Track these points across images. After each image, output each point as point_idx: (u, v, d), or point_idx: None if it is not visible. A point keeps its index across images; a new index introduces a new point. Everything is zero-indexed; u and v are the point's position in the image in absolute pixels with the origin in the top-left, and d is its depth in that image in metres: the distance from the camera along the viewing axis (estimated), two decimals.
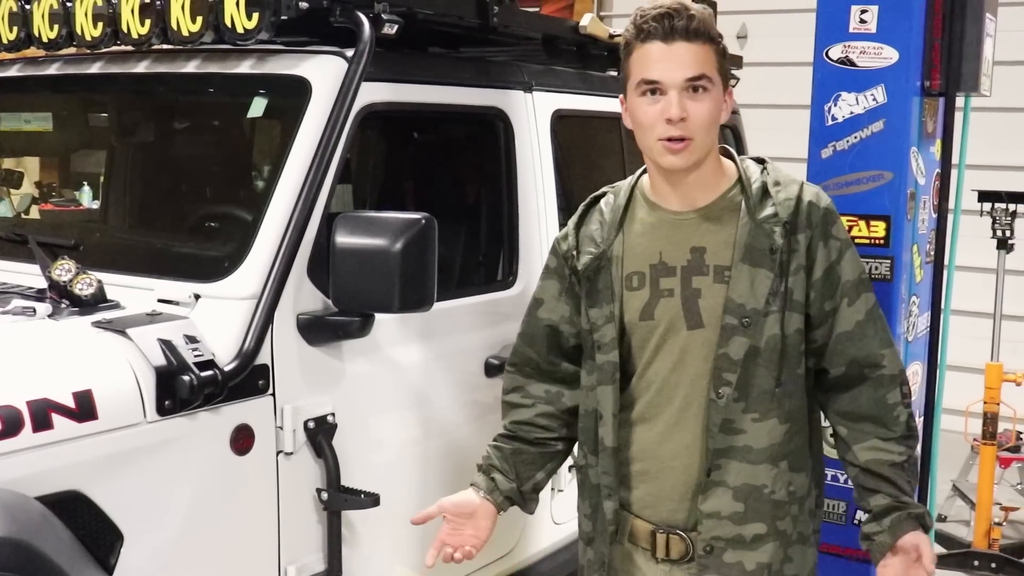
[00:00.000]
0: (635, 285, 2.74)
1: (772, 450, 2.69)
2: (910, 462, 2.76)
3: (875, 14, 3.36)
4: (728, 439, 2.68)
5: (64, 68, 3.84)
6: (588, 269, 2.79)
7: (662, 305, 2.71)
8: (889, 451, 2.73)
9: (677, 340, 2.70)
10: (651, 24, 2.59)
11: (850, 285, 2.70)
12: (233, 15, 3.17)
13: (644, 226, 2.77)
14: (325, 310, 3.12)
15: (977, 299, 6.85)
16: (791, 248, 2.65)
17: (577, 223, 2.89)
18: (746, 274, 2.64)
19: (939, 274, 3.67)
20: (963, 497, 6.34)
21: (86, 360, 2.70)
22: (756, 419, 2.67)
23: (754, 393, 2.66)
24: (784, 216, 2.64)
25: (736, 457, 2.68)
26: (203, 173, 3.89)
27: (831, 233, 2.68)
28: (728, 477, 2.69)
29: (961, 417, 6.23)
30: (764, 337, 2.64)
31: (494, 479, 2.94)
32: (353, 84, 3.09)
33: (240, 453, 2.92)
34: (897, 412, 2.74)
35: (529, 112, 3.97)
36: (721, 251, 2.67)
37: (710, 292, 2.67)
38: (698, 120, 2.59)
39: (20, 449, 2.47)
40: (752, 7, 8.66)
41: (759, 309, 2.63)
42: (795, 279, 2.66)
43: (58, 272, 2.99)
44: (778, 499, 2.71)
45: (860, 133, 3.39)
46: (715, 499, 2.70)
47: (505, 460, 2.96)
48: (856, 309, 2.71)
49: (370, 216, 3.01)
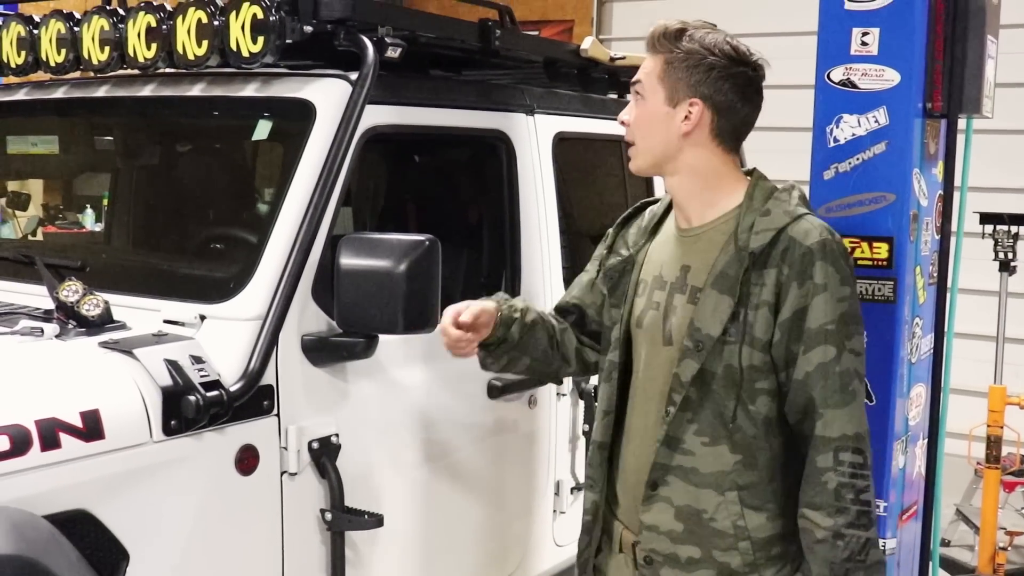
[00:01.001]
0: (639, 292, 2.83)
1: (719, 477, 2.67)
2: (845, 540, 2.57)
3: (876, 36, 3.37)
4: (673, 456, 2.69)
5: (71, 92, 3.87)
6: (612, 269, 2.91)
7: (649, 317, 2.78)
8: (814, 523, 2.59)
9: (655, 353, 2.76)
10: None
11: (811, 332, 2.59)
12: (238, 39, 3.19)
13: (664, 237, 2.85)
14: (329, 331, 3.13)
15: (980, 322, 6.86)
16: (754, 281, 2.61)
17: (622, 223, 3.01)
18: (712, 299, 2.65)
19: (942, 296, 3.67)
20: (967, 522, 6.33)
21: (93, 380, 2.72)
22: (706, 443, 2.67)
23: (707, 417, 2.67)
24: (754, 247, 2.62)
25: (681, 476, 2.69)
26: (209, 195, 3.91)
27: (809, 274, 2.58)
28: (673, 495, 2.71)
29: (965, 441, 6.24)
30: (721, 364, 2.63)
31: (511, 315, 2.95)
32: (357, 107, 3.11)
33: (245, 473, 2.93)
34: (825, 479, 2.58)
35: (531, 135, 3.99)
36: (700, 272, 2.70)
37: (681, 312, 2.71)
38: (633, 124, 2.75)
39: (28, 468, 2.48)
40: (753, 30, 8.68)
41: (713, 336, 2.63)
42: (757, 314, 2.61)
43: (65, 293, 3.00)
44: (719, 528, 2.68)
45: (862, 155, 3.40)
46: (655, 513, 2.73)
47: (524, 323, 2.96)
48: (808, 359, 2.59)
49: (374, 238, 3.03)
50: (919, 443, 3.69)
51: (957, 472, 6.26)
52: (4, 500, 2.42)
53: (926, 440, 3.74)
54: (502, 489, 3.81)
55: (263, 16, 3.15)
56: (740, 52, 2.72)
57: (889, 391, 3.41)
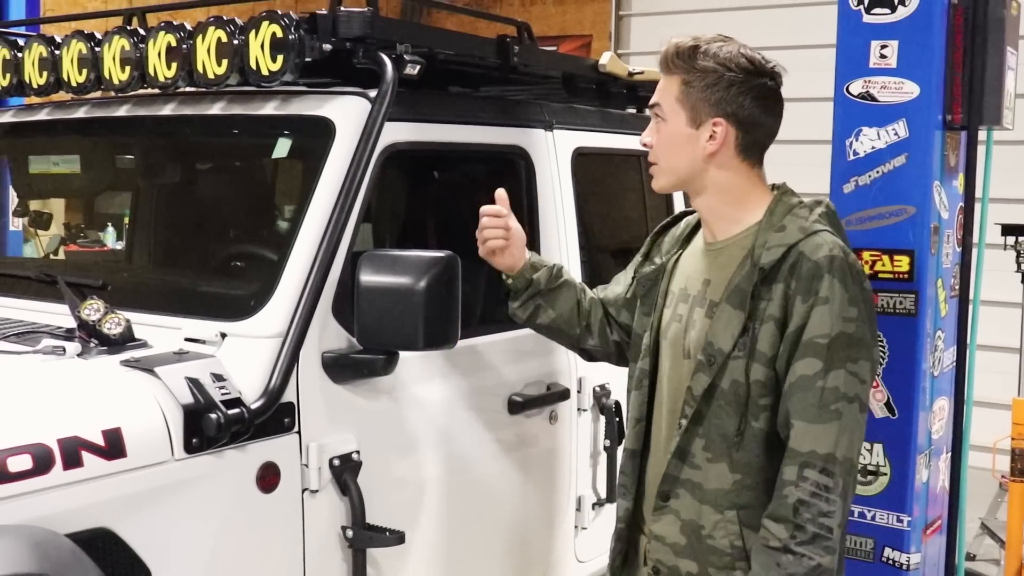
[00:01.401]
0: (667, 303, 2.86)
1: (718, 495, 2.68)
2: (796, 557, 2.51)
3: (895, 49, 3.37)
4: (682, 468, 2.72)
5: (92, 111, 3.89)
6: (645, 278, 2.96)
7: (673, 329, 2.81)
8: (767, 530, 2.56)
9: (676, 365, 2.79)
10: None
11: (802, 343, 2.56)
12: (258, 58, 3.21)
13: (693, 250, 2.88)
14: (350, 348, 3.14)
15: (1003, 333, 6.82)
16: (762, 296, 2.61)
17: (658, 232, 3.06)
18: (726, 314, 2.66)
19: (964, 308, 3.66)
20: (992, 535, 6.29)
21: (115, 398, 2.72)
22: (710, 459, 2.69)
23: (712, 432, 2.68)
24: (764, 262, 2.62)
25: (688, 489, 2.72)
26: (229, 213, 3.92)
27: (814, 289, 2.56)
28: (681, 508, 2.73)
29: (989, 454, 6.20)
30: (728, 380, 2.64)
31: (543, 267, 3.17)
32: (376, 124, 3.11)
33: (266, 491, 2.93)
34: (786, 492, 2.54)
35: (550, 150, 3.99)
36: (719, 287, 2.72)
37: (700, 325, 2.73)
38: (656, 147, 2.77)
39: (51, 487, 2.49)
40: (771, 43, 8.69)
41: (724, 351, 2.64)
42: (763, 329, 2.60)
43: (87, 312, 3.01)
44: (717, 546, 2.68)
45: (882, 168, 3.40)
46: (663, 524, 2.76)
47: (557, 277, 3.18)
48: (794, 370, 2.56)
49: (394, 254, 3.03)
50: (942, 457, 3.67)
51: (982, 485, 6.23)
52: (26, 519, 2.43)
53: (949, 453, 3.72)
54: (523, 505, 3.81)
55: (282, 35, 3.16)
56: (757, 63, 2.70)
57: (912, 405, 3.41)
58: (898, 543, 3.44)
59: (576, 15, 11.36)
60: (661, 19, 10.48)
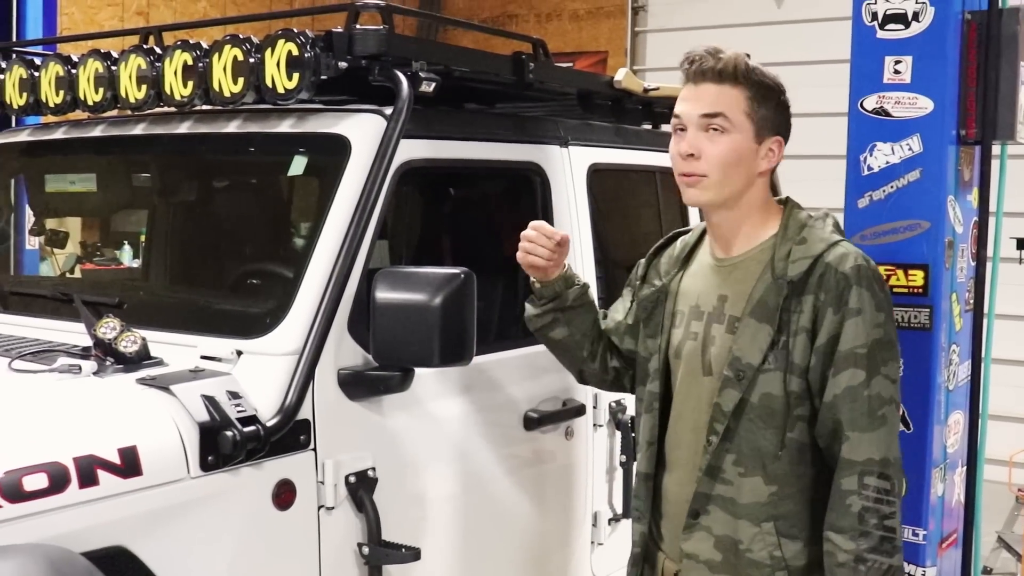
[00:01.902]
0: (676, 323, 2.84)
1: (755, 508, 2.68)
2: (868, 564, 2.56)
3: (909, 64, 3.37)
4: (713, 485, 2.70)
5: (108, 130, 3.90)
6: (646, 300, 2.93)
7: (688, 347, 2.79)
8: (837, 547, 2.58)
9: (695, 383, 2.77)
10: (684, 66, 2.71)
11: (841, 355, 2.59)
12: (274, 76, 3.22)
13: (699, 267, 2.86)
14: (365, 365, 3.14)
15: (1018, 347, 6.81)
16: (792, 308, 2.63)
17: (652, 254, 3.03)
18: (751, 328, 2.66)
19: (979, 322, 3.65)
20: (1009, 549, 6.27)
21: (131, 417, 2.73)
22: (742, 473, 2.68)
23: (745, 448, 2.68)
24: (792, 275, 2.63)
25: (720, 505, 2.70)
26: (245, 231, 3.94)
27: (844, 299, 2.59)
28: (713, 524, 2.71)
29: (1005, 467, 6.18)
30: (758, 393, 2.64)
31: (574, 286, 3.09)
32: (392, 141, 3.12)
33: (282, 508, 2.93)
34: (849, 502, 2.57)
35: (565, 166, 4.00)
36: (739, 302, 2.71)
37: (721, 341, 2.72)
38: (711, 159, 2.66)
39: (67, 505, 2.49)
40: (785, 58, 8.71)
41: (754, 365, 2.64)
42: (796, 341, 2.62)
43: (103, 330, 3.02)
44: (756, 559, 2.68)
45: (896, 183, 3.40)
46: (696, 542, 2.74)
47: (583, 301, 3.11)
48: (837, 382, 2.60)
49: (410, 271, 3.04)
50: (958, 470, 3.66)
51: (998, 499, 6.20)
52: (42, 537, 2.44)
53: (965, 467, 3.71)
54: (539, 521, 3.81)
55: (298, 53, 3.18)
56: (780, 82, 2.76)
57: (927, 418, 3.40)
58: (914, 557, 3.42)
59: (592, 32, 11.38)
60: (677, 35, 10.50)
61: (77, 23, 8.86)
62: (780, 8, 9.91)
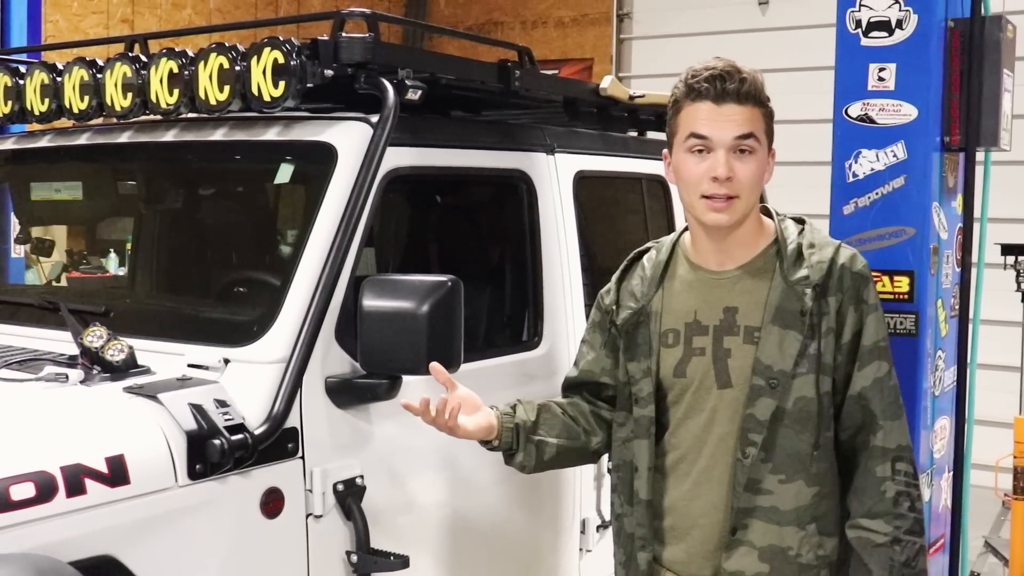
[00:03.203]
0: (670, 342, 2.78)
1: (799, 512, 2.69)
2: (902, 545, 2.65)
3: (893, 72, 3.39)
4: (753, 498, 2.68)
5: (94, 138, 3.90)
6: (627, 324, 2.85)
7: (694, 363, 2.75)
8: (872, 530, 2.67)
9: (708, 399, 2.73)
10: (703, 85, 2.65)
11: (865, 350, 2.69)
12: (260, 84, 3.22)
13: (682, 284, 2.81)
14: (353, 373, 3.14)
15: (1003, 352, 6.82)
16: (821, 311, 2.66)
17: (619, 278, 2.96)
18: (776, 336, 2.66)
19: (964, 328, 3.67)
20: (996, 553, 6.28)
21: (118, 425, 2.73)
22: (783, 480, 2.68)
23: (781, 454, 2.67)
24: (815, 279, 2.66)
25: (761, 517, 2.69)
26: (231, 239, 3.93)
27: (862, 297, 2.69)
28: (754, 537, 2.69)
29: (991, 472, 6.19)
30: (792, 399, 2.65)
31: (514, 408, 2.94)
32: (378, 149, 3.12)
33: (270, 516, 2.93)
34: (884, 488, 2.66)
35: (551, 174, 4.00)
36: (752, 312, 2.70)
37: (740, 352, 2.70)
38: (744, 180, 2.65)
39: (54, 514, 2.49)
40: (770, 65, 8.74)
41: (787, 371, 2.65)
42: (825, 342, 2.66)
43: (90, 339, 3.02)
44: (805, 563, 2.70)
45: (881, 189, 3.41)
46: (739, 558, 2.71)
47: (531, 407, 2.95)
48: (864, 375, 2.68)
49: (397, 279, 3.04)
50: (944, 476, 3.68)
51: (984, 504, 6.22)
52: (30, 547, 2.43)
53: (951, 473, 3.72)
54: (527, 528, 3.80)
55: (284, 60, 3.18)
56: None
57: (913, 424, 3.41)
58: None
59: (577, 39, 11.39)
60: (662, 43, 10.52)
61: (62, 31, 8.84)
62: (765, 16, 9.94)
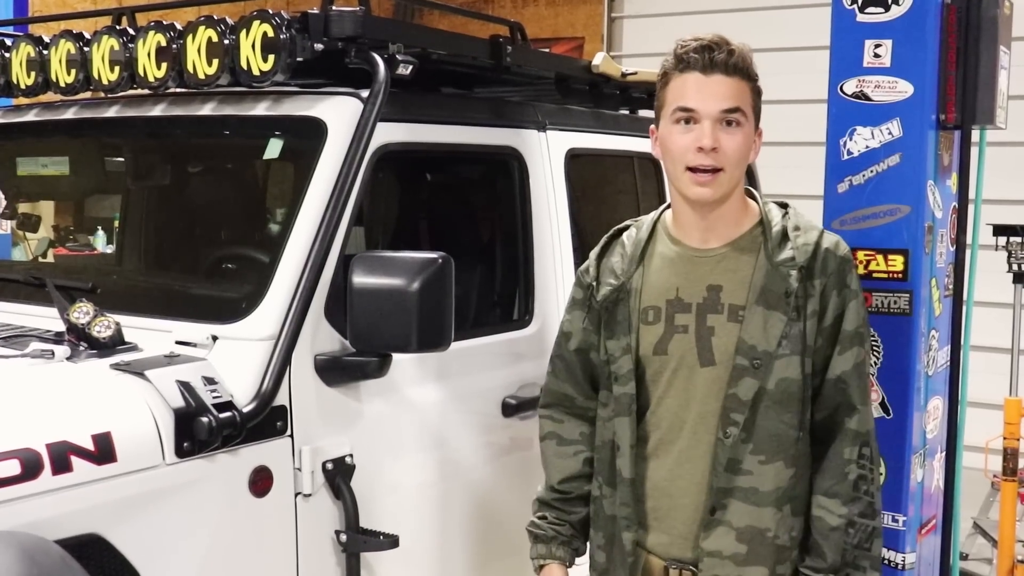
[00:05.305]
0: (651, 319, 2.76)
1: (778, 494, 2.68)
2: (856, 529, 2.67)
3: (889, 48, 3.36)
4: (733, 479, 2.68)
5: (81, 112, 3.86)
6: (607, 300, 2.82)
7: (676, 341, 2.73)
8: (829, 511, 2.68)
9: (689, 376, 2.72)
10: (691, 55, 2.64)
11: (847, 335, 2.70)
12: (249, 58, 3.19)
13: (663, 261, 2.79)
14: (342, 351, 3.12)
15: (995, 334, 6.83)
16: (807, 293, 2.67)
17: (599, 255, 2.92)
18: (760, 316, 2.65)
19: (958, 308, 3.65)
20: (984, 535, 6.30)
21: (105, 402, 2.70)
22: (763, 461, 2.67)
23: (762, 435, 2.67)
24: (801, 260, 2.66)
25: (740, 498, 2.68)
26: (220, 215, 3.91)
27: (845, 282, 2.70)
28: (732, 517, 2.69)
29: (981, 454, 6.20)
30: (774, 379, 2.65)
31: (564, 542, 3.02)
32: (368, 125, 3.09)
33: (258, 495, 2.91)
34: (848, 470, 2.68)
35: (543, 151, 3.97)
36: (737, 291, 2.69)
37: (723, 331, 2.69)
38: (729, 152, 2.64)
39: (39, 492, 2.46)
40: (764, 45, 8.71)
41: (770, 352, 2.64)
42: (810, 324, 2.67)
43: (76, 315, 2.99)
44: (781, 544, 2.70)
45: (876, 167, 3.39)
46: (717, 538, 2.70)
47: (566, 526, 3.00)
48: (845, 359, 2.69)
49: (387, 256, 3.01)
50: (937, 456, 3.67)
51: (974, 485, 6.23)
52: (15, 525, 2.40)
53: (944, 453, 3.71)
54: (517, 508, 3.78)
55: (273, 34, 3.14)
56: None
57: (906, 404, 3.40)
58: (893, 543, 3.42)
59: (568, 17, 11.36)
60: (654, 21, 10.49)
61: (49, 3, 8.78)
62: None
